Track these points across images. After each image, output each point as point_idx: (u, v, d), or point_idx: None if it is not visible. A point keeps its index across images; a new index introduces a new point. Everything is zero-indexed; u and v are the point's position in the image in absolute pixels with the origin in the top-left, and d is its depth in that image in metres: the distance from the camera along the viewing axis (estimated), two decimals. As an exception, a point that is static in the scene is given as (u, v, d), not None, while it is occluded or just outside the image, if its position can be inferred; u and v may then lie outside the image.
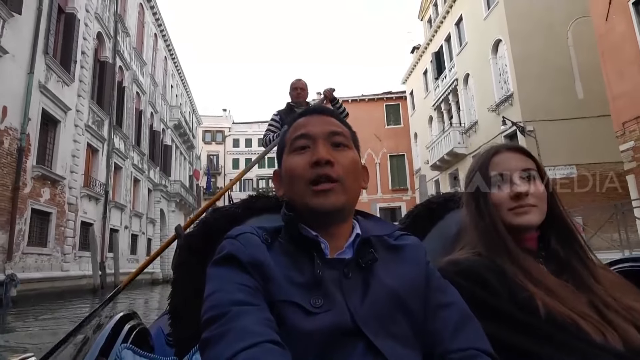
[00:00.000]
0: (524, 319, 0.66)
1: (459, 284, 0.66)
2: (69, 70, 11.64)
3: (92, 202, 13.82)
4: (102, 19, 14.43)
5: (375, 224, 0.70)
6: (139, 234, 18.81)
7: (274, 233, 0.67)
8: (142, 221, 19.52)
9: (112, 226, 15.40)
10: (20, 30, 9.23)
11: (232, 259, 0.60)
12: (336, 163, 0.64)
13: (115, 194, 16.08)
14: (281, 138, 0.74)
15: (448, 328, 0.59)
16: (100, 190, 14.40)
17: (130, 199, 17.96)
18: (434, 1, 22.53)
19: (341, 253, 0.64)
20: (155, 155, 22.02)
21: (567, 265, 0.77)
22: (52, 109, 10.82)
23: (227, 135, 45.18)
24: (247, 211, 0.97)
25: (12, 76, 8.95)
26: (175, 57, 27.11)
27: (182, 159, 29.59)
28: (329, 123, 0.69)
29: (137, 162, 18.95)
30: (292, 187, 0.66)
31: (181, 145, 28.86)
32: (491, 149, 0.86)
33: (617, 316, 0.67)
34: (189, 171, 31.47)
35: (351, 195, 0.66)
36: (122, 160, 16.86)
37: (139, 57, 19.59)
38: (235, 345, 0.48)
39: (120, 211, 16.54)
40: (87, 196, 13.28)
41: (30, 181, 9.74)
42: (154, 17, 22.58)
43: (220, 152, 44.45)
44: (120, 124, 16.54)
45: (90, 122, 13.44)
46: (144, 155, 19.92)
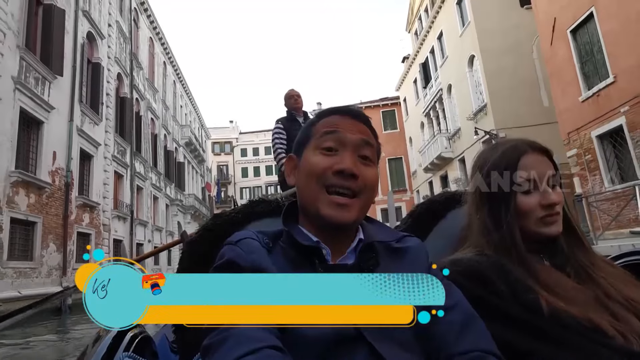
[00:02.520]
0: (528, 319, 0.66)
1: (461, 283, 0.64)
2: (97, 111, 13.67)
3: (121, 222, 15.87)
4: (120, 61, 16.47)
5: (379, 230, 0.71)
6: (159, 246, 20.87)
7: (274, 237, 0.67)
8: (162, 234, 21.59)
9: (137, 241, 17.45)
10: (61, 87, 11.24)
11: (232, 265, 0.60)
12: (360, 177, 0.64)
13: (138, 212, 18.13)
14: (307, 127, 0.73)
15: (452, 330, 0.58)
16: (127, 210, 16.44)
17: (151, 215, 20.02)
18: (419, 15, 24.22)
19: (343, 258, 0.65)
20: (170, 173, 24.08)
21: (571, 258, 0.76)
22: (87, 147, 12.85)
23: (235, 145, 47.16)
24: (247, 216, 0.97)
25: (58, 126, 10.97)
26: (182, 79, 29.19)
27: (194, 173, 31.68)
28: (361, 132, 0.69)
29: (155, 182, 21.01)
30: (306, 184, 0.67)
31: (192, 160, 30.95)
32: (517, 148, 0.79)
33: (620, 306, 0.68)
34: (201, 183, 33.57)
35: (363, 212, 0.67)
36: (143, 182, 18.91)
37: (151, 86, 21.65)
38: (235, 350, 0.48)
39: (144, 227, 18.60)
40: (117, 217, 15.33)
41: (74, 209, 11.76)
42: (162, 47, 24.64)
43: (230, 162, 46.48)
44: (139, 150, 18.60)
45: (115, 152, 15.47)
46: (160, 175, 21.98)
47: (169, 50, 25.80)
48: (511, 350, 0.62)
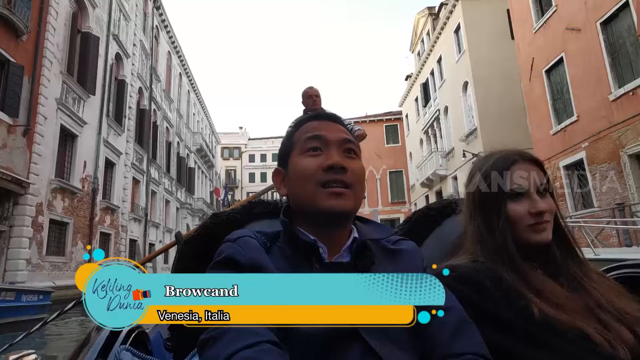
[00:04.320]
0: (520, 325, 0.67)
1: (456, 289, 0.65)
2: (121, 124, 15.22)
3: (136, 223, 17.36)
4: (141, 76, 18.06)
5: (373, 228, 0.73)
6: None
7: (272, 237, 0.69)
8: (172, 235, 23.07)
9: (150, 241, 18.93)
10: (92, 104, 12.79)
11: (230, 262, 0.61)
12: (349, 170, 0.67)
13: (151, 214, 19.63)
14: (287, 138, 0.76)
15: (445, 332, 0.59)
16: (142, 213, 17.94)
17: (163, 217, 21.52)
18: (422, 38, 25.59)
19: (339, 257, 0.66)
20: (181, 178, 25.61)
21: (564, 268, 0.77)
22: (111, 156, 14.38)
23: (244, 151, 48.72)
24: (246, 216, 0.98)
25: (88, 139, 12.50)
26: (196, 88, 30.83)
27: (204, 177, 33.24)
28: (342, 131, 0.72)
29: (168, 187, 22.53)
30: (301, 188, 0.68)
31: (202, 165, 32.51)
32: (508, 158, 0.82)
33: (611, 317, 0.69)
34: (209, 187, 35.12)
35: (358, 202, 0.69)
36: (157, 187, 20.43)
37: (167, 97, 23.24)
38: (233, 344, 0.49)
39: (156, 228, 20.09)
40: (133, 219, 16.83)
41: (99, 212, 13.25)
42: (178, 59, 26.28)
43: (238, 167, 48.03)
44: (155, 157, 20.13)
45: (134, 160, 17.00)
46: (172, 180, 23.51)
47: (185, 61, 27.42)
48: (503, 355, 0.64)
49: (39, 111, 9.72)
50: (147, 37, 19.66)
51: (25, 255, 9.22)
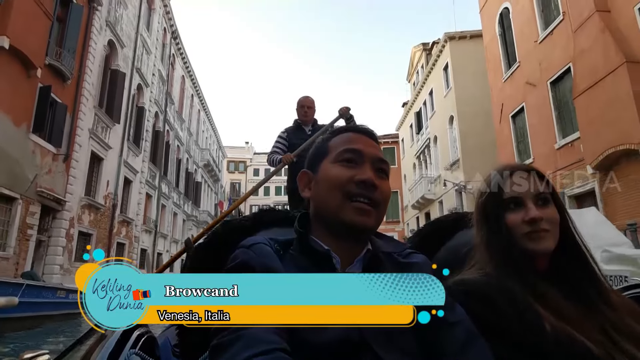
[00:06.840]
0: (530, 340, 0.66)
1: (465, 303, 0.65)
2: (139, 146, 17.14)
3: (147, 234, 19.15)
4: (158, 102, 20.06)
5: (386, 242, 0.75)
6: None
7: (285, 245, 0.70)
8: (178, 245, 24.82)
9: (158, 250, 20.69)
10: (116, 130, 14.71)
11: (245, 267, 0.61)
12: (378, 188, 0.68)
13: (161, 226, 21.42)
14: (321, 144, 0.77)
15: (454, 346, 0.59)
16: (152, 225, 19.74)
17: (171, 228, 23.31)
18: (417, 70, 27.54)
19: (351, 267, 0.67)
20: (189, 192, 27.44)
21: (578, 288, 0.76)
22: (129, 175, 16.25)
23: (249, 165, 50.69)
24: (256, 224, 0.98)
25: (111, 161, 14.40)
26: (206, 107, 32.91)
27: (209, 191, 35.11)
28: (377, 149, 0.74)
29: (176, 200, 24.36)
30: (328, 195, 0.69)
31: (209, 179, 34.41)
32: (506, 170, 0.84)
33: (628, 342, 0.67)
34: (214, 200, 36.96)
35: (379, 221, 0.70)
36: (166, 200, 22.27)
37: (179, 117, 25.23)
38: (245, 351, 0.49)
39: (164, 239, 21.86)
40: (144, 230, 18.63)
41: (116, 224, 15.06)
42: (191, 82, 28.38)
43: (242, 181, 49.93)
44: (166, 173, 22.01)
45: (148, 177, 18.87)
46: (181, 194, 25.35)
47: (197, 84, 29.51)
48: None
49: (76, 141, 11.63)
50: (164, 65, 21.70)
51: (60, 261, 11.02)
